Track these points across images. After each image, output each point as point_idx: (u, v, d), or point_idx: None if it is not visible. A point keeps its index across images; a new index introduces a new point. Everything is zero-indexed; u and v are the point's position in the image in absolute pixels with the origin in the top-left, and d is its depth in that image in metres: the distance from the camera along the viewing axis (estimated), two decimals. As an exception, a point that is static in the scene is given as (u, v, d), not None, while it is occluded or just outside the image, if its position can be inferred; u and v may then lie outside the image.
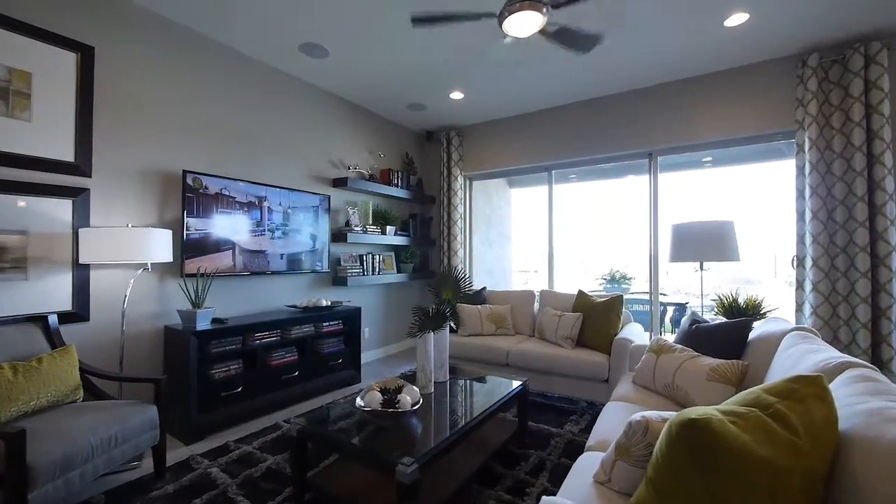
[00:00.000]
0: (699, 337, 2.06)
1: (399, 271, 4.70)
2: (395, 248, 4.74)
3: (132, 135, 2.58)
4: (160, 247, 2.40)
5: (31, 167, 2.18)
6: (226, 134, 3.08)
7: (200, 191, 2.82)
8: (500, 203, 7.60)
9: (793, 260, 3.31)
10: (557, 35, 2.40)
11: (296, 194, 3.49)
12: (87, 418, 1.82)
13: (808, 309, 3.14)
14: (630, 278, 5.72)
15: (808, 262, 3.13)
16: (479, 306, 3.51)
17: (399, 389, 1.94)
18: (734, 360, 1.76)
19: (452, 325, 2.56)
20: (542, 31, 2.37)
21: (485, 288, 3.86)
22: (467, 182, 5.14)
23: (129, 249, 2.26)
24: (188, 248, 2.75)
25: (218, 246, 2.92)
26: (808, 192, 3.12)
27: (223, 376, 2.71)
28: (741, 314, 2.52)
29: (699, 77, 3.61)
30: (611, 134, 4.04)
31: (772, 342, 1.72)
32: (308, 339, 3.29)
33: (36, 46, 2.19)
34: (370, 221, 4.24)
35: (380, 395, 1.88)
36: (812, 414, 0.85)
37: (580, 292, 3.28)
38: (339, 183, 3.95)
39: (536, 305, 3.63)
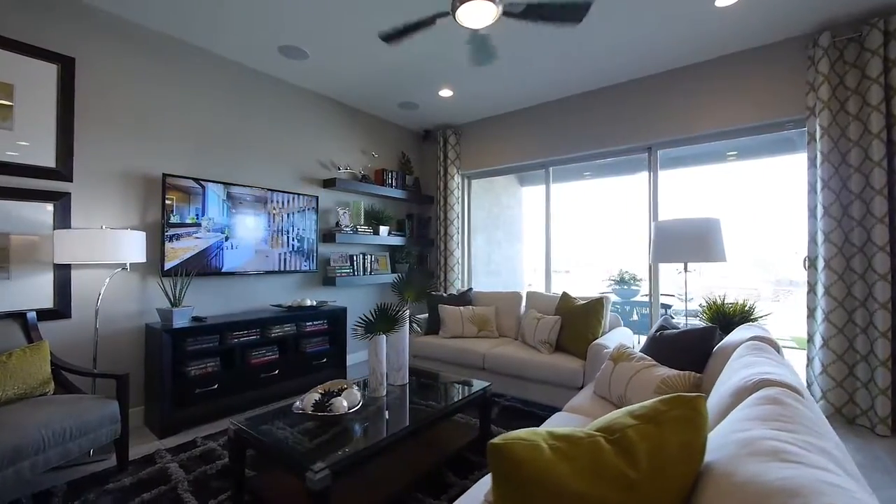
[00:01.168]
0: (662, 345, 1.90)
1: (394, 271, 4.69)
2: (391, 249, 4.73)
3: (113, 140, 2.69)
4: (133, 248, 2.50)
5: (13, 173, 2.32)
6: (209, 137, 3.17)
7: (182, 193, 2.91)
8: (509, 202, 7.44)
9: (804, 261, 3.01)
10: (530, 13, 2.22)
11: (282, 195, 3.54)
12: (45, 412, 1.90)
13: (819, 315, 2.84)
14: (640, 280, 5.42)
15: (820, 263, 2.83)
16: (461, 308, 3.43)
17: (339, 392, 1.91)
18: (688, 373, 1.60)
19: (417, 326, 2.48)
20: (510, 14, 2.23)
21: (471, 289, 3.77)
22: (465, 181, 5.05)
23: (101, 250, 2.36)
24: (168, 249, 2.84)
25: (199, 247, 3.01)
26: (819, 186, 2.82)
27: (199, 373, 2.79)
28: (726, 320, 2.31)
29: (698, 64, 3.35)
30: (607, 128, 3.84)
31: (728, 353, 1.55)
32: (290, 339, 3.32)
33: (17, 60, 2.33)
34: (361, 222, 4.25)
35: (319, 397, 1.86)
36: (667, 441, 0.73)
37: (564, 294, 3.13)
38: (329, 184, 3.99)
39: (523, 307, 3.50)
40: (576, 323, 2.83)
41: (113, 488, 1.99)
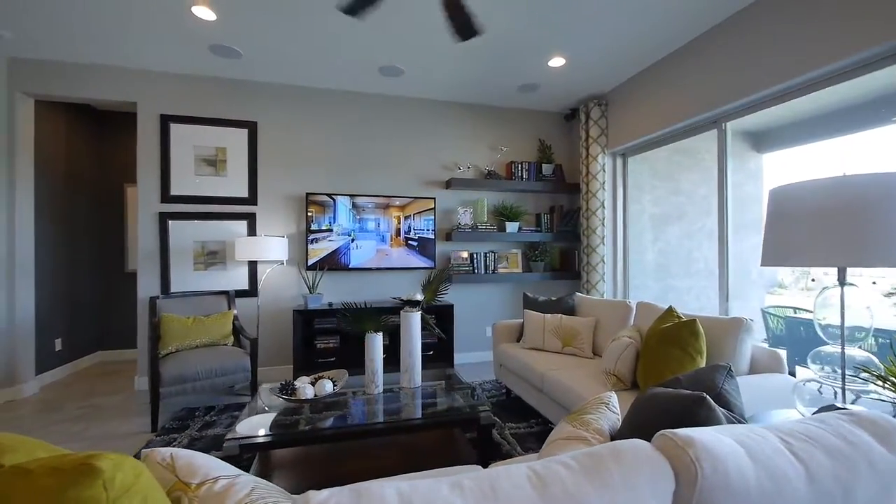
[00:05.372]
0: (644, 405, 1.08)
1: (528, 269, 4.35)
2: (525, 245, 4.41)
3: (278, 172, 3.79)
4: (278, 249, 3.46)
5: (227, 203, 3.67)
6: (339, 159, 3.94)
7: (319, 206, 3.77)
8: (739, 178, 5.39)
9: None
10: None
11: (402, 200, 3.97)
12: (208, 356, 2.95)
13: None
14: None
15: None
16: (546, 316, 2.86)
17: (314, 382, 2.08)
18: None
19: (430, 329, 2.28)
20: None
21: (574, 294, 3.06)
22: (617, 160, 4.09)
23: (259, 251, 3.40)
24: (310, 249, 3.74)
25: (332, 248, 3.80)
26: None
27: (323, 347, 3.56)
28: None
29: None
30: (811, 33, 2.30)
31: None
32: (398, 328, 3.70)
33: (227, 131, 3.67)
34: (484, 219, 4.17)
35: (295, 382, 2.09)
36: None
37: (669, 309, 2.12)
38: (450, 184, 4.13)
39: (631, 322, 2.59)
40: (651, 352, 1.90)
41: (235, 414, 2.88)
